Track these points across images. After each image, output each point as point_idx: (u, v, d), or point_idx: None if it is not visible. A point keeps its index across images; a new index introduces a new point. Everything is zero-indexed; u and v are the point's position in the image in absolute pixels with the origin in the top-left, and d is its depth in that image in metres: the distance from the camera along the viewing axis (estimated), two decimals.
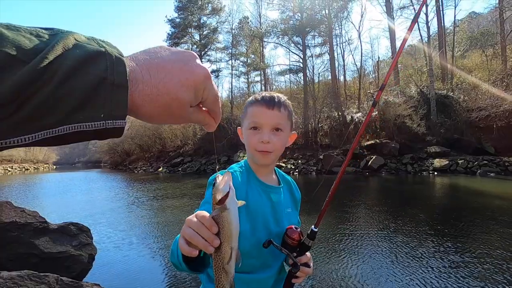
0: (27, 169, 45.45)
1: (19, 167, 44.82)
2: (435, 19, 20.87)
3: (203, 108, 0.44)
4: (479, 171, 12.53)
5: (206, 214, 0.58)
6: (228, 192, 0.57)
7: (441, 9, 20.67)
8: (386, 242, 4.31)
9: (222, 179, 0.59)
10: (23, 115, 0.27)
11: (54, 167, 58.75)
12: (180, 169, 23.55)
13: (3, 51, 0.26)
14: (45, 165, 55.15)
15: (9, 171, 39.71)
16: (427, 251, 3.89)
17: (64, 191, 12.50)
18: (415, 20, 1.09)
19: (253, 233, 0.89)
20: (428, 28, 20.23)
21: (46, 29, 0.30)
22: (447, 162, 13.70)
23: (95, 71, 0.30)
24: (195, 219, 0.58)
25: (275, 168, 1.09)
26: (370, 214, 6.12)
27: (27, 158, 52.18)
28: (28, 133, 0.27)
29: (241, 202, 0.61)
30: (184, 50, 0.40)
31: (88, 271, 3.14)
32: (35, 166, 50.51)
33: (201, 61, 0.41)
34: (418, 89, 19.40)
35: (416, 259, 3.65)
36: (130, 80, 0.33)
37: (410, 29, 1.10)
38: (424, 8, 20.28)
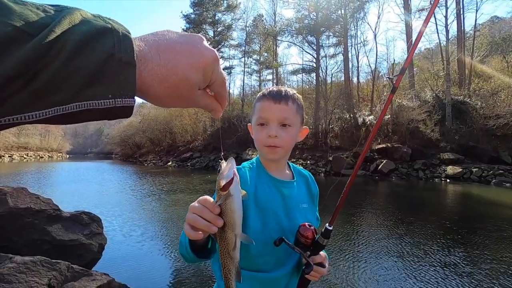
0: (42, 157, 46.80)
1: (34, 154, 46.18)
2: (455, 22, 20.32)
3: (210, 93, 0.44)
4: (494, 180, 12.16)
5: (209, 197, 0.60)
6: (233, 178, 0.57)
7: (461, 12, 20.10)
8: (394, 248, 4.24)
9: (227, 165, 0.59)
10: (32, 90, 0.26)
11: (67, 156, 60.31)
12: (189, 164, 23.78)
13: (11, 24, 0.25)
14: (58, 154, 56.70)
15: (25, 158, 41.02)
16: (438, 259, 3.81)
17: (77, 180, 12.81)
18: (431, 12, 1.03)
19: (264, 229, 0.87)
20: (447, 31, 19.70)
21: (51, 5, 0.30)
22: (461, 169, 13.36)
23: (102, 47, 0.30)
24: (197, 204, 0.60)
25: (290, 163, 1.06)
26: (379, 219, 6.03)
27: (42, 146, 53.71)
28: (38, 109, 0.27)
29: (244, 192, 0.61)
30: (191, 33, 0.40)
31: (98, 260, 3.21)
32: (50, 155, 51.97)
33: None
34: (434, 94, 18.97)
35: (426, 267, 3.58)
36: (139, 59, 0.33)
37: (427, 20, 1.04)
38: (443, 11, 19.77)
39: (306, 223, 0.86)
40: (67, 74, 0.28)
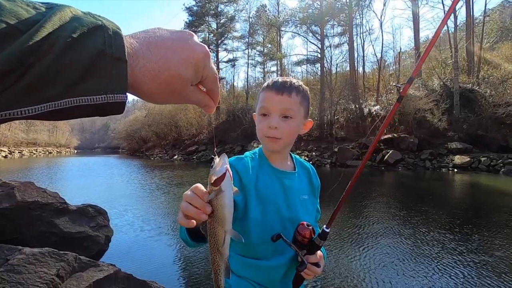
0: (50, 153, 47.62)
1: (43, 150, 46.98)
2: (464, 7, 19.73)
3: (202, 89, 0.44)
4: (503, 169, 11.97)
5: (200, 185, 0.60)
6: (225, 173, 0.57)
7: None
8: (404, 239, 4.22)
9: (219, 161, 0.59)
10: (25, 85, 0.27)
11: (75, 151, 61.26)
12: (194, 157, 23.95)
13: (4, 21, 0.26)
14: (67, 149, 57.65)
15: (34, 154, 41.75)
16: (444, 251, 3.79)
17: (84, 175, 13.02)
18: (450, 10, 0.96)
19: (264, 219, 0.88)
20: (456, 17, 19.17)
21: (42, 3, 0.31)
22: (469, 159, 13.18)
23: (93, 43, 0.30)
24: (189, 192, 0.60)
25: (293, 155, 1.06)
26: (384, 210, 6.01)
27: (51, 142, 54.57)
28: (31, 104, 0.28)
29: (235, 189, 0.61)
30: (181, 30, 0.40)
31: (105, 252, 3.28)
32: (58, 150, 52.85)
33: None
34: (441, 82, 18.60)
35: (432, 259, 3.56)
36: (131, 56, 0.34)
37: (447, 17, 0.97)
38: None
39: (305, 222, 0.87)
40: (59, 69, 0.28)
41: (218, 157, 0.61)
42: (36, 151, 44.11)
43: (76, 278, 2.23)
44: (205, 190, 0.59)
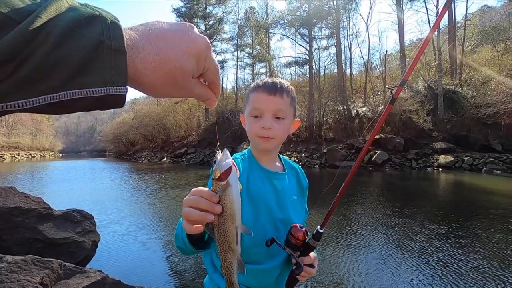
0: (34, 157, 46.03)
1: (25, 154, 45.39)
2: (446, 12, 20.36)
3: (203, 83, 0.44)
4: (484, 168, 12.39)
5: (202, 187, 0.59)
6: (230, 167, 0.55)
7: (452, 1, 20.13)
8: (388, 239, 4.30)
9: (223, 155, 0.57)
10: (22, 76, 0.26)
11: (60, 155, 59.46)
12: (183, 159, 23.72)
13: None
14: (51, 153, 55.85)
15: (16, 158, 40.29)
16: (431, 249, 3.88)
17: (69, 179, 12.66)
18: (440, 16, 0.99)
19: (256, 220, 0.87)
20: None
21: None
22: (453, 158, 13.57)
23: (90, 34, 0.29)
24: (191, 196, 0.58)
25: (281, 156, 1.06)
26: (372, 210, 6.10)
27: (34, 145, 52.79)
28: (29, 96, 0.27)
29: (239, 185, 0.59)
30: (181, 22, 0.40)
31: (91, 257, 3.19)
32: (42, 154, 51.13)
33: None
34: (426, 84, 19.11)
35: (419, 257, 3.63)
36: (131, 47, 0.33)
37: (435, 25, 1.01)
38: (434, 1, 19.80)
39: (298, 224, 0.87)
40: (56, 60, 0.27)
41: (221, 152, 0.59)
42: (18, 155, 42.58)
43: (61, 285, 2.16)
44: (208, 189, 0.57)
